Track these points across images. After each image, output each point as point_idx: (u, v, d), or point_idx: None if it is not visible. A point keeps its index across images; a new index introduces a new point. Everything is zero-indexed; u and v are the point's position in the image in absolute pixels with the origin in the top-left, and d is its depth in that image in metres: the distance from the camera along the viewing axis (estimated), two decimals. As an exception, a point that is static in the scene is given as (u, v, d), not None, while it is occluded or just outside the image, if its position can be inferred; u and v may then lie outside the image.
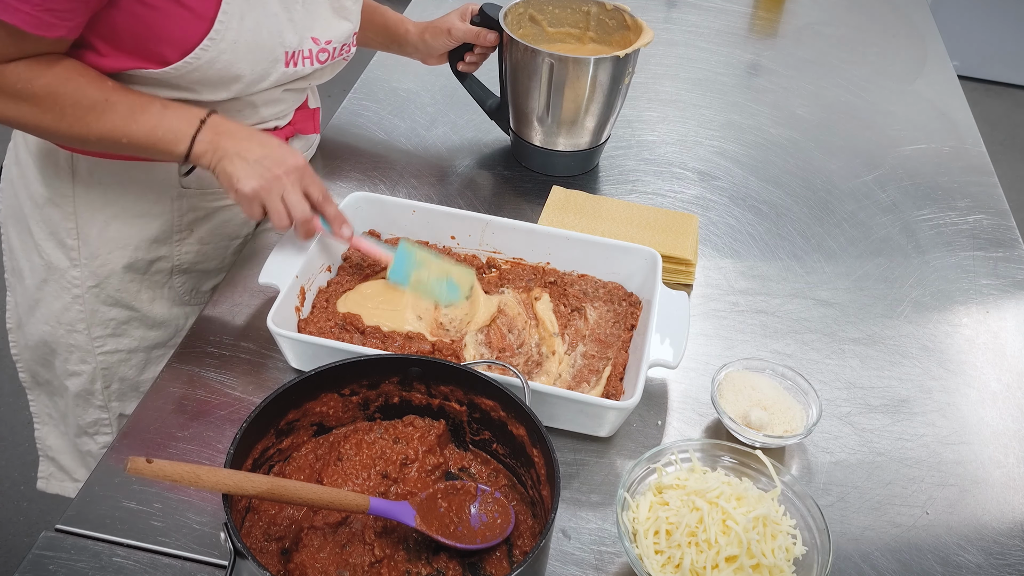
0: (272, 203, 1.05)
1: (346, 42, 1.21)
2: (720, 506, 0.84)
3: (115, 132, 1.03)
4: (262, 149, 1.05)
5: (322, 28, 1.15)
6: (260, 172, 1.04)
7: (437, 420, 0.95)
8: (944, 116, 1.72)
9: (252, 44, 1.06)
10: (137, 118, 1.03)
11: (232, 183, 1.04)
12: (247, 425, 0.82)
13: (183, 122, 1.04)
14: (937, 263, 1.35)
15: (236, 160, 1.04)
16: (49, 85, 0.99)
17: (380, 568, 0.83)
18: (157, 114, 1.03)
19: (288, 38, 1.10)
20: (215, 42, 1.02)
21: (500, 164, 1.49)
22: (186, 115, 1.05)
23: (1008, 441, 1.08)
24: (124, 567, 0.86)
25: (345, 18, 1.19)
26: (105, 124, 1.02)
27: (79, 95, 1.01)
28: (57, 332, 1.26)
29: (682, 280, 1.26)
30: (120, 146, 1.05)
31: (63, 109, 1.01)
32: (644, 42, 1.35)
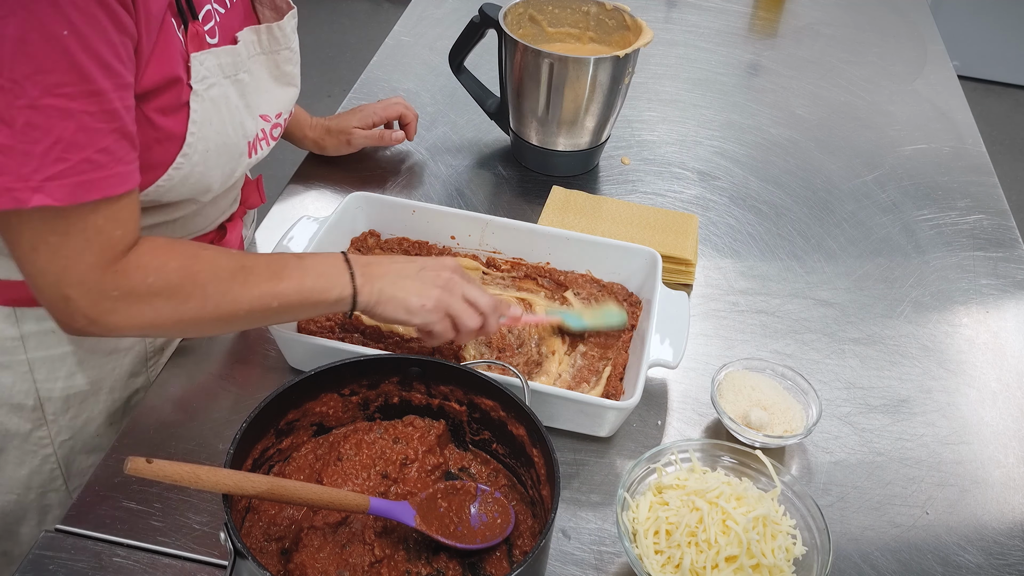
0: (459, 305, 0.95)
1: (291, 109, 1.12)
2: (720, 506, 0.84)
3: (265, 298, 0.89)
4: (413, 263, 0.96)
5: (269, 103, 1.06)
6: (432, 282, 0.94)
7: (437, 420, 0.95)
8: (944, 116, 1.72)
9: (220, 147, 0.96)
10: (282, 275, 0.90)
11: (411, 305, 0.93)
12: (247, 425, 0.82)
13: (328, 267, 0.93)
14: (937, 263, 1.35)
15: (400, 282, 0.94)
16: (183, 267, 0.86)
17: (380, 568, 0.83)
18: (297, 266, 0.92)
19: (248, 127, 1.01)
20: (188, 157, 0.92)
21: (500, 164, 1.49)
22: (327, 260, 0.94)
23: (1008, 441, 1.08)
24: (124, 567, 0.85)
25: (289, 83, 1.10)
26: (253, 291, 0.89)
27: (216, 268, 0.88)
28: (26, 499, 1.10)
29: (682, 280, 1.26)
30: (270, 313, 0.91)
31: (205, 289, 0.87)
32: (644, 42, 1.35)
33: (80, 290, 0.82)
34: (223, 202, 1.12)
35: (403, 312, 0.94)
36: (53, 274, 0.81)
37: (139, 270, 0.84)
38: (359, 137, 1.39)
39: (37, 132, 0.75)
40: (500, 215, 1.22)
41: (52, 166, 0.76)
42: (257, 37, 1.02)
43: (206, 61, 0.92)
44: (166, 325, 0.88)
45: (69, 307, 0.83)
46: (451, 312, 0.95)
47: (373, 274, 0.94)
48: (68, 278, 0.81)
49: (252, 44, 1.01)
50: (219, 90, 0.94)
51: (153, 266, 0.85)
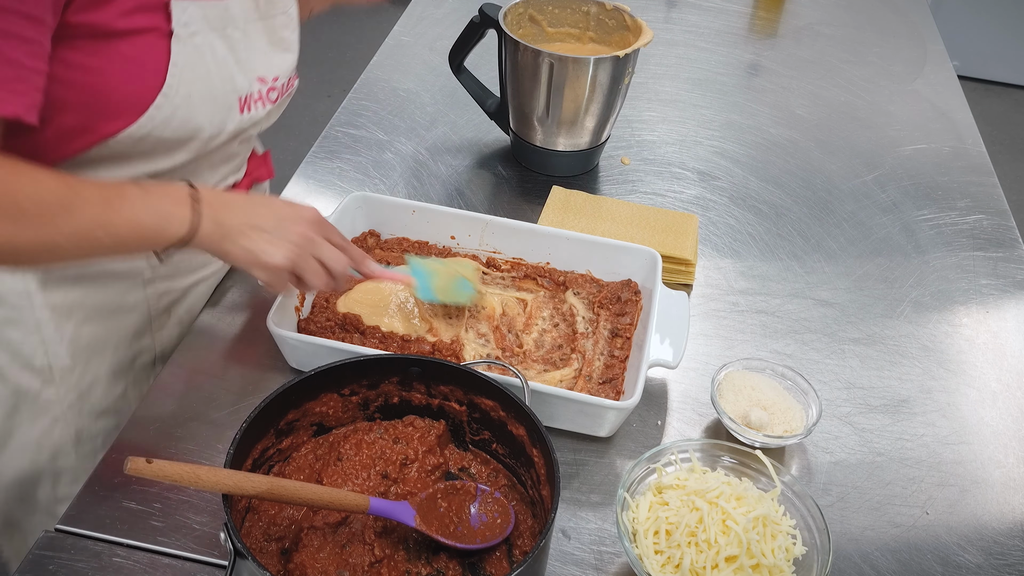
0: (308, 266, 0.94)
1: (291, 75, 1.10)
2: (720, 506, 0.84)
3: (92, 229, 0.84)
4: (272, 212, 0.94)
5: (265, 66, 1.04)
6: (285, 238, 0.92)
7: (437, 420, 0.95)
8: (944, 116, 1.72)
9: (206, 94, 0.95)
10: (115, 207, 0.85)
11: (258, 259, 0.91)
12: (247, 425, 0.82)
13: (169, 202, 0.88)
14: (937, 263, 1.35)
15: (252, 233, 0.91)
16: (9, 187, 0.80)
17: (380, 568, 0.83)
18: (138, 198, 0.87)
19: (239, 82, 0.99)
20: (168, 98, 0.91)
21: (500, 164, 1.49)
22: (171, 194, 0.89)
23: (1008, 441, 1.08)
24: (124, 567, 0.85)
25: (286, 49, 1.07)
26: (79, 221, 0.83)
27: (41, 191, 0.82)
28: (39, 460, 1.09)
29: (682, 280, 1.26)
30: (98, 246, 0.86)
31: (23, 212, 0.81)
32: (644, 42, 1.35)
33: None
34: (223, 167, 1.09)
35: (251, 265, 0.92)
36: None
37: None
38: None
39: None
40: (500, 215, 1.22)
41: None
42: (255, 2, 1.00)
43: (188, 9, 0.91)
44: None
45: None
46: (298, 271, 0.94)
47: (222, 220, 0.90)
48: None
49: (248, 8, 0.99)
50: (203, 39, 0.93)
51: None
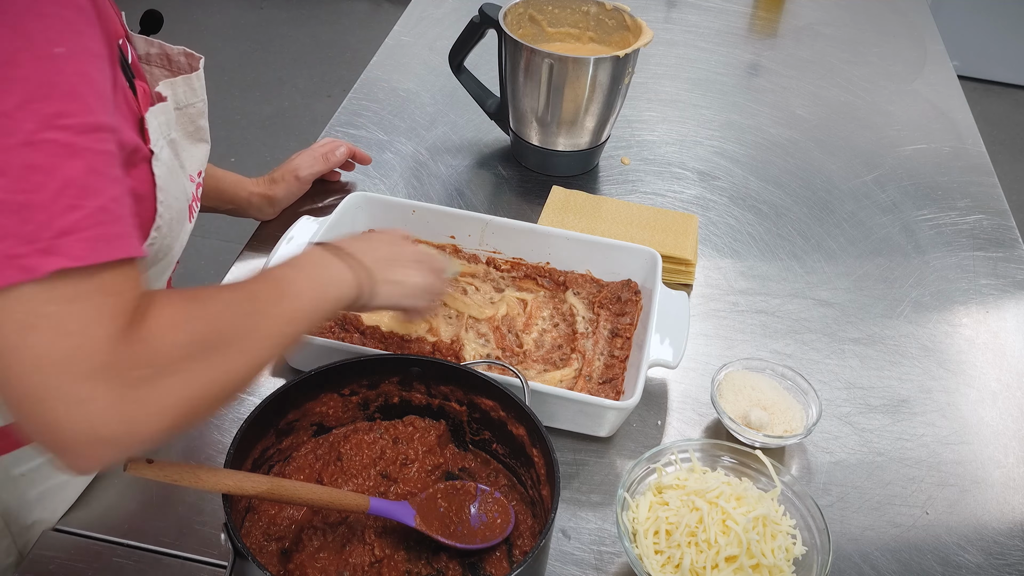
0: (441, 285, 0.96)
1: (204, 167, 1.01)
2: (720, 506, 0.84)
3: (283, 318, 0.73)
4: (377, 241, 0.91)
5: (191, 163, 0.95)
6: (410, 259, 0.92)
7: (437, 420, 0.95)
8: (944, 116, 1.72)
9: (178, 214, 0.87)
10: (283, 288, 0.75)
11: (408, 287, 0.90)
12: (247, 425, 0.82)
13: (315, 265, 0.81)
14: (937, 263, 1.35)
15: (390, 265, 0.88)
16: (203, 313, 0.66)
17: (380, 568, 0.83)
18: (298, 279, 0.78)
19: (188, 189, 0.91)
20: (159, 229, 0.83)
21: (500, 164, 1.49)
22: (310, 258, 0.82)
23: (1008, 441, 1.08)
24: (124, 567, 0.85)
25: (202, 139, 0.99)
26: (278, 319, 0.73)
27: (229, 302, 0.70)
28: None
29: (682, 280, 1.26)
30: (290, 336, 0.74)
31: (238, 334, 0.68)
32: (644, 42, 1.35)
33: (100, 378, 0.57)
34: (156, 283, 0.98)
35: (405, 296, 0.89)
36: (54, 365, 0.56)
37: (162, 332, 0.62)
38: (305, 169, 1.31)
39: (39, 175, 0.58)
40: (500, 215, 1.22)
41: (63, 216, 0.58)
42: (173, 91, 0.90)
43: (152, 121, 0.82)
44: (206, 397, 0.65)
45: (86, 414, 0.57)
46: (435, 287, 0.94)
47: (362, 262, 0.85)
48: (79, 364, 0.57)
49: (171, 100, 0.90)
50: (167, 151, 0.85)
51: (178, 322, 0.64)
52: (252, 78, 3.66)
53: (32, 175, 0.58)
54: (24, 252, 0.56)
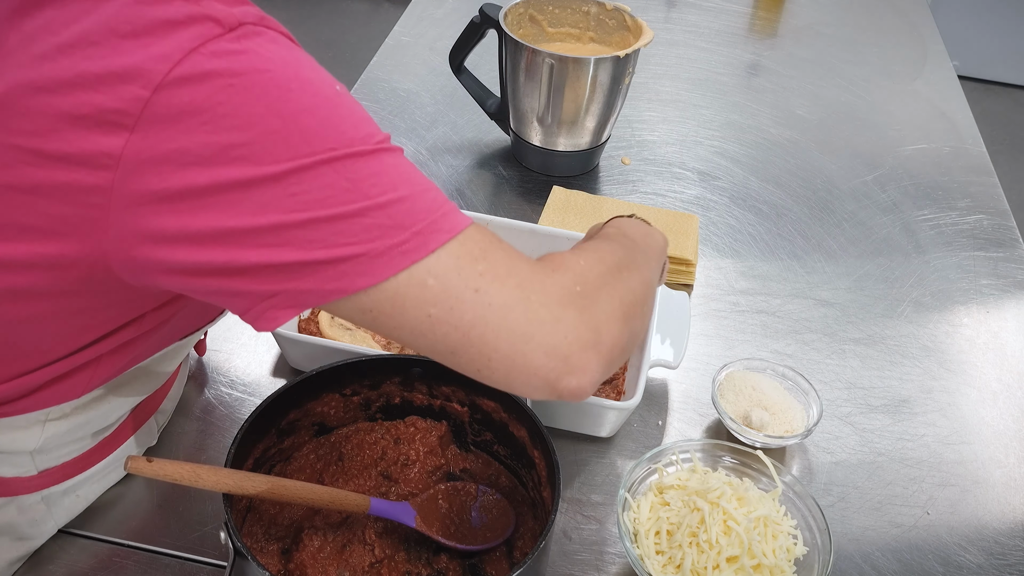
0: None
1: None
2: (721, 506, 0.84)
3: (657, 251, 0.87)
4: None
5: None
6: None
7: (439, 421, 0.95)
8: (944, 116, 1.72)
9: None
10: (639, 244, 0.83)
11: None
12: (248, 425, 0.82)
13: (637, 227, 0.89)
14: (937, 263, 1.35)
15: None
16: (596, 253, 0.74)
17: (380, 568, 0.83)
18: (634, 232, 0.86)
19: None
20: None
21: (500, 164, 1.49)
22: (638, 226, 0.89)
23: (1009, 441, 1.08)
24: (124, 567, 0.85)
25: None
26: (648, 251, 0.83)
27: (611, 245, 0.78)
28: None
29: (682, 280, 1.26)
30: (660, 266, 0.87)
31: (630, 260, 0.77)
32: (644, 42, 1.35)
33: (556, 300, 0.64)
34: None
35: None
36: (519, 300, 0.63)
37: (571, 264, 0.69)
38: None
39: (385, 178, 0.62)
40: (500, 215, 1.22)
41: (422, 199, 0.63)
42: None
43: None
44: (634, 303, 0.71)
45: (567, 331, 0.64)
46: None
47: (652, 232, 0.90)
48: (533, 295, 0.63)
49: None
50: None
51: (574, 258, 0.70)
52: (252, 78, 3.65)
53: (380, 179, 0.61)
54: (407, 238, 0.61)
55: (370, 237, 0.60)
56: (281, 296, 0.62)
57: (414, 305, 0.62)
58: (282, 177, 0.58)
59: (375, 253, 0.60)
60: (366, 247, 0.60)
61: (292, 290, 0.61)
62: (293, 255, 0.60)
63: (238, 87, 0.58)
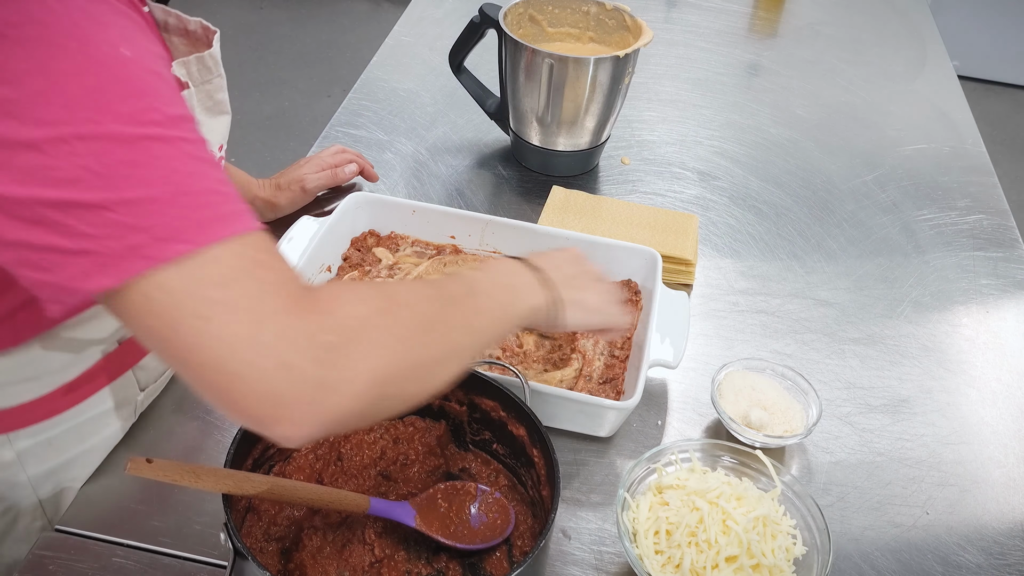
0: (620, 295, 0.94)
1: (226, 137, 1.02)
2: (720, 506, 0.84)
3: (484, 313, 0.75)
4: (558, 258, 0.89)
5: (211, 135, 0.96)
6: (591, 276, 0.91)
7: (437, 420, 0.95)
8: (944, 116, 1.72)
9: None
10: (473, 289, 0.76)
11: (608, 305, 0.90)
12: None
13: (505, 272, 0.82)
14: (937, 263, 1.35)
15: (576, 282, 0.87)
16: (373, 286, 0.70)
17: (380, 568, 0.83)
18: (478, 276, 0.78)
19: None
20: None
21: (500, 164, 1.49)
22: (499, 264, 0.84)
23: (1008, 441, 1.08)
24: (124, 567, 0.85)
25: (222, 112, 0.99)
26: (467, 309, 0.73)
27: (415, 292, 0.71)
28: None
29: (682, 280, 1.26)
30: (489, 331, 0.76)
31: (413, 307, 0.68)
32: (644, 42, 1.35)
33: (291, 345, 0.58)
34: None
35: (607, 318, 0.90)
36: (246, 339, 0.57)
37: (338, 304, 0.62)
38: (312, 180, 1.30)
39: (140, 170, 0.58)
40: (500, 215, 1.22)
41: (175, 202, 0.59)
42: (187, 70, 0.92)
43: None
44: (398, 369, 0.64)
45: (291, 380, 0.58)
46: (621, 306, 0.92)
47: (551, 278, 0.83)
48: (266, 334, 0.58)
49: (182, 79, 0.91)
50: None
51: (352, 297, 0.65)
52: (252, 78, 3.65)
53: (135, 170, 0.58)
54: (144, 242, 0.57)
55: (109, 234, 0.56)
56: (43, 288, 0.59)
57: (139, 314, 0.58)
58: (43, 144, 0.55)
59: (111, 252, 0.56)
60: (104, 244, 0.56)
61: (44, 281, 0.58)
62: (45, 236, 0.56)
63: (10, 38, 0.55)
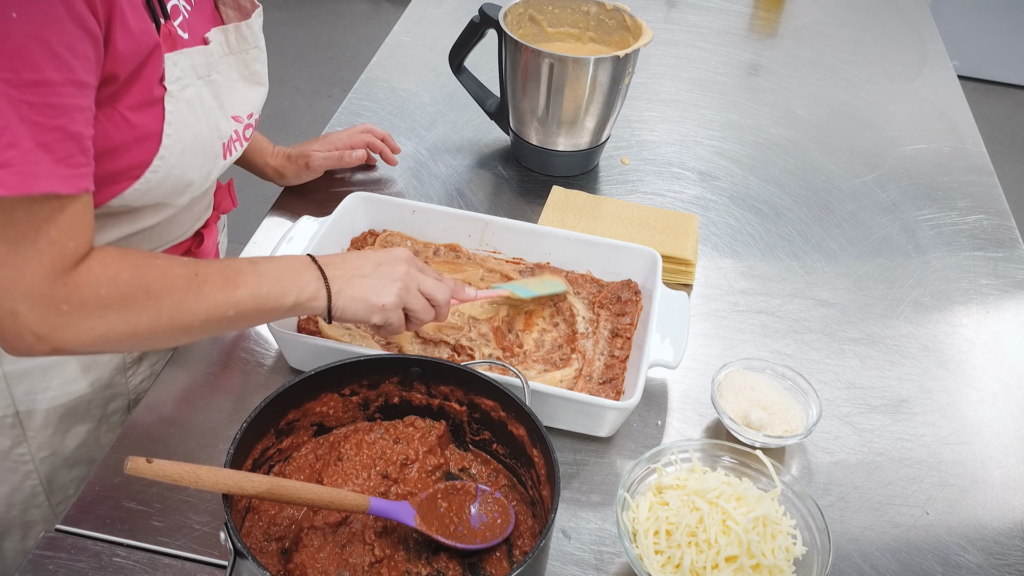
0: (416, 300, 0.95)
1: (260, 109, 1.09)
2: (720, 506, 0.84)
3: (220, 307, 0.85)
4: (367, 260, 0.95)
5: (240, 103, 1.03)
6: (388, 278, 0.94)
7: (437, 420, 0.95)
8: (944, 116, 1.72)
9: (197, 148, 0.94)
10: (236, 282, 0.87)
11: (371, 303, 0.92)
12: (247, 425, 0.82)
13: (283, 271, 0.90)
14: (937, 263, 1.35)
15: (357, 282, 0.92)
16: (135, 278, 0.82)
17: (380, 568, 0.83)
18: (252, 272, 0.88)
19: (223, 127, 0.99)
20: (164, 159, 0.90)
21: (500, 164, 1.49)
22: (283, 263, 0.91)
23: (1008, 441, 1.08)
24: (124, 567, 0.86)
25: (258, 83, 1.07)
26: (208, 301, 0.85)
27: (169, 277, 0.84)
28: (8, 516, 1.08)
29: (682, 280, 1.26)
30: (225, 322, 0.87)
31: (159, 300, 0.82)
32: (644, 42, 1.35)
33: (28, 304, 0.76)
34: (197, 208, 1.09)
35: (366, 312, 0.92)
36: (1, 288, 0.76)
37: (90, 282, 0.79)
38: (317, 159, 1.34)
39: None
40: (500, 215, 1.22)
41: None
42: (225, 37, 0.99)
43: (180, 62, 0.89)
44: (119, 339, 0.82)
45: (16, 323, 0.77)
46: (408, 307, 0.95)
47: (333, 276, 0.92)
48: (16, 291, 0.76)
49: (221, 44, 0.99)
50: (193, 91, 0.92)
51: (105, 277, 0.80)
52: (252, 78, 3.65)
53: None
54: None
55: None
56: None
57: None
58: None
59: None
60: None
61: None
62: None
63: None
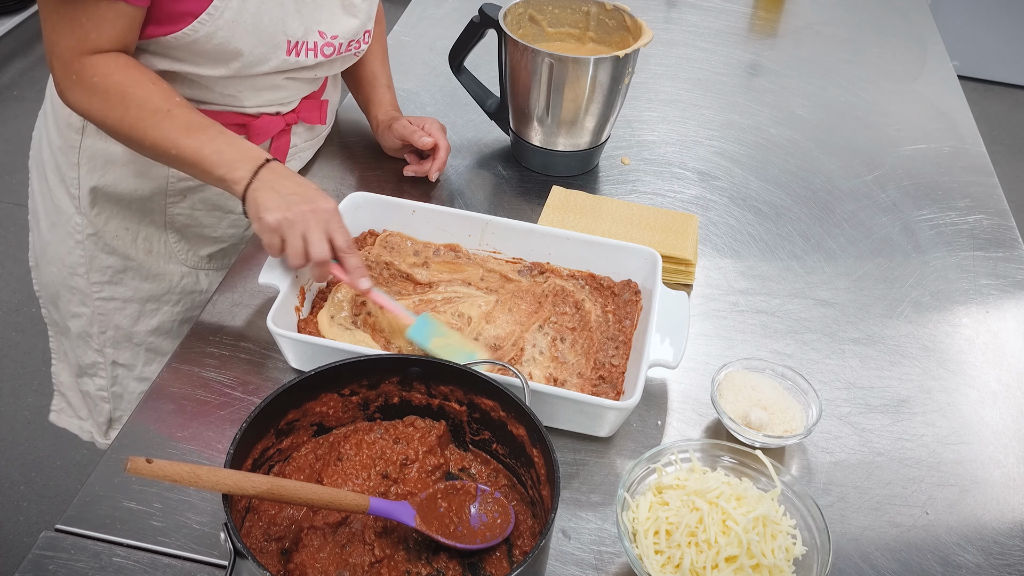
0: (292, 238, 1.02)
1: (354, 39, 1.24)
2: (720, 506, 0.84)
3: (165, 142, 1.06)
4: (296, 187, 1.05)
5: (329, 22, 1.18)
6: (287, 205, 1.03)
7: (437, 420, 0.95)
8: (944, 116, 1.72)
9: (252, 26, 1.10)
10: (192, 134, 1.06)
11: (257, 211, 1.03)
12: (247, 425, 0.82)
13: (235, 151, 1.07)
14: (937, 263, 1.35)
15: (267, 191, 1.04)
16: (121, 84, 1.05)
17: (380, 568, 0.83)
18: (211, 136, 1.07)
19: (292, 27, 1.14)
20: (212, 17, 1.07)
21: (500, 164, 1.49)
22: (241, 147, 1.08)
23: (1008, 441, 1.08)
24: (124, 567, 0.86)
25: (353, 15, 1.21)
26: (159, 132, 1.06)
27: (145, 99, 1.06)
28: (62, 274, 1.33)
29: (682, 280, 1.26)
30: (169, 157, 1.09)
31: (127, 109, 1.06)
32: (644, 42, 1.35)
33: (57, 63, 1.06)
34: (266, 93, 1.22)
35: (252, 216, 1.05)
36: (49, 43, 1.06)
37: (91, 68, 1.05)
38: (401, 125, 1.37)
39: None
40: (500, 215, 1.22)
41: None
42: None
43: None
44: (95, 120, 1.10)
45: (54, 71, 1.08)
46: (284, 238, 1.02)
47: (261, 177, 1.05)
48: (55, 48, 1.06)
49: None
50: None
51: (102, 71, 1.05)
52: (252, 78, 3.65)
53: None
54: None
55: None
56: None
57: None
58: None
59: None
60: None
61: None
62: None
63: None
